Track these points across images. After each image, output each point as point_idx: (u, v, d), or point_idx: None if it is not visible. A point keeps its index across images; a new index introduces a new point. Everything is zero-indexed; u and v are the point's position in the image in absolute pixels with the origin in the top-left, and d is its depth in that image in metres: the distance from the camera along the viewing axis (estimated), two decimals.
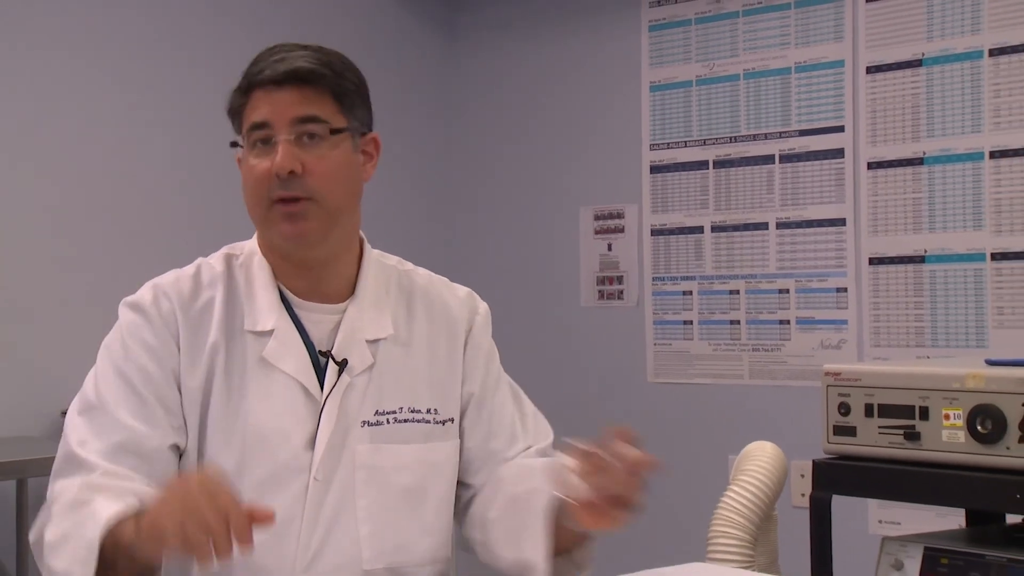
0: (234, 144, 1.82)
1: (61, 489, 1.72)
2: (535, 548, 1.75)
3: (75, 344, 3.77)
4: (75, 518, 1.63)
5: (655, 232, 4.30)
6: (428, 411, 1.88)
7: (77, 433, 1.77)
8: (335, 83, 1.79)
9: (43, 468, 3.27)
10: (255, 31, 4.22)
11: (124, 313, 1.83)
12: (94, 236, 3.93)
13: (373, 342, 1.85)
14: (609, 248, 4.42)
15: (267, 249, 1.86)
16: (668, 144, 4.27)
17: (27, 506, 3.60)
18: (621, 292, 4.39)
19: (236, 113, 1.82)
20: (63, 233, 3.87)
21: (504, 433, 1.96)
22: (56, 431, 3.74)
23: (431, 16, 4.83)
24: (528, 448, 1.96)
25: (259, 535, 1.74)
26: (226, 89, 1.83)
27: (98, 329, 1.91)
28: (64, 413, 3.92)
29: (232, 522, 1.45)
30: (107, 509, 1.59)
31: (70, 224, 3.88)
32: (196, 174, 4.12)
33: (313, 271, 1.84)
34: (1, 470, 3.35)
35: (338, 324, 1.84)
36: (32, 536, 1.74)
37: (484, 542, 1.89)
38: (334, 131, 1.78)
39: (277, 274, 1.84)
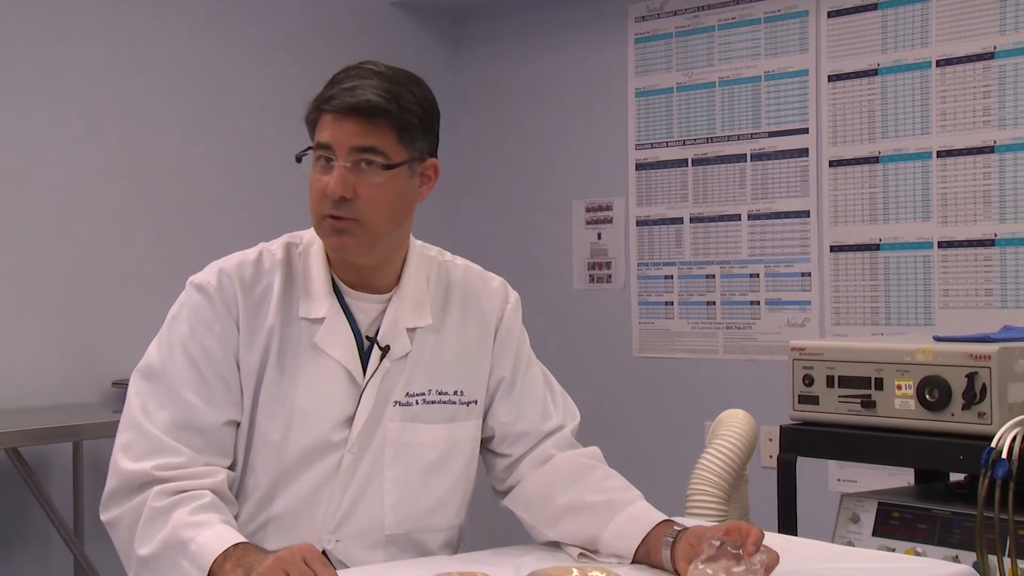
0: (309, 149, 1.77)
1: (126, 450, 1.71)
2: (624, 546, 1.75)
3: (127, 319, 3.78)
4: (167, 540, 1.62)
5: (640, 223, 4.30)
6: (454, 392, 1.86)
7: (140, 398, 1.75)
8: (397, 118, 1.73)
9: (97, 432, 3.30)
10: (266, 36, 4.21)
11: (191, 293, 1.79)
12: (146, 217, 3.90)
13: (412, 330, 1.83)
14: (599, 237, 4.42)
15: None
16: (651, 144, 4.26)
17: (83, 466, 3.60)
18: (609, 276, 4.39)
19: (310, 125, 1.78)
20: (117, 214, 3.84)
21: (536, 408, 1.93)
22: (108, 399, 3.76)
23: (438, 27, 4.80)
24: (562, 428, 1.94)
25: (294, 500, 1.77)
26: (235, 88, 1.77)
27: (148, 305, 1.90)
28: (115, 384, 3.93)
29: None
30: (203, 552, 1.59)
31: (124, 205, 3.85)
32: (241, 165, 4.09)
33: (363, 270, 1.82)
34: (59, 434, 3.35)
35: (383, 312, 1.82)
36: (107, 516, 1.72)
37: (536, 525, 1.87)
38: (387, 166, 1.73)
39: (332, 264, 1.82)
